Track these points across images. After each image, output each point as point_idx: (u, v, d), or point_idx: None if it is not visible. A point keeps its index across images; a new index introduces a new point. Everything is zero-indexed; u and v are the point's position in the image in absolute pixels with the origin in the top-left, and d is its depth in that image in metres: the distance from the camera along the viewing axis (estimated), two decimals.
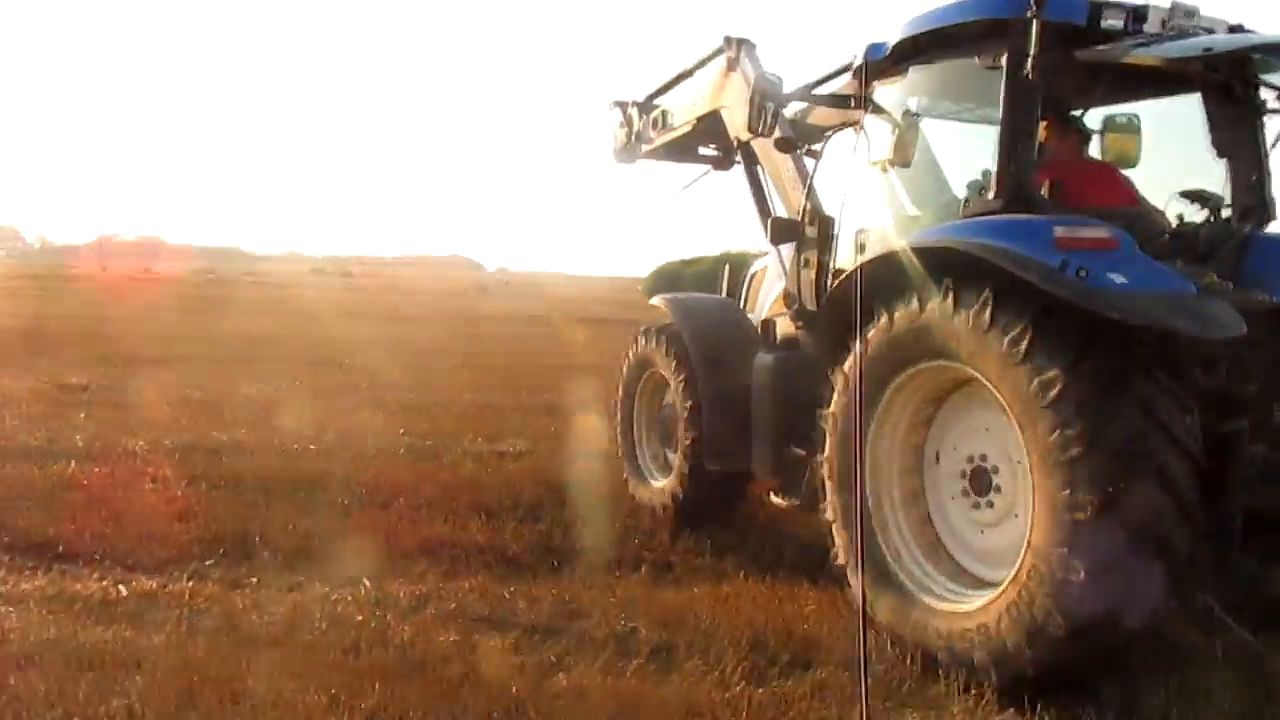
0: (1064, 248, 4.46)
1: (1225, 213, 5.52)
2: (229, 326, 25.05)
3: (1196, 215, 5.53)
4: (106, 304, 33.76)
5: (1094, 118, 5.99)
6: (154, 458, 9.24)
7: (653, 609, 5.75)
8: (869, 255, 5.52)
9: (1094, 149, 5.93)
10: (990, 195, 5.17)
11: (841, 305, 5.45)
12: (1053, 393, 4.28)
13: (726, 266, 8.48)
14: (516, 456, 10.22)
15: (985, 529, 5.02)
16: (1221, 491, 4.56)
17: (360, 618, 5.54)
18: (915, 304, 4.91)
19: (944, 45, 5.54)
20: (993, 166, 5.24)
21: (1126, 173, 5.74)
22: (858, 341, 5.02)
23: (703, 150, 8.68)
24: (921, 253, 4.98)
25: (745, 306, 7.83)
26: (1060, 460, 4.26)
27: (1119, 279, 4.32)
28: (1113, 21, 5.01)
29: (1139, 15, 5.04)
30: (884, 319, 5.07)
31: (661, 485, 7.73)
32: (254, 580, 6.24)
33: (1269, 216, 5.53)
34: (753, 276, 7.91)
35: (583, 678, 4.80)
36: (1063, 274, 4.33)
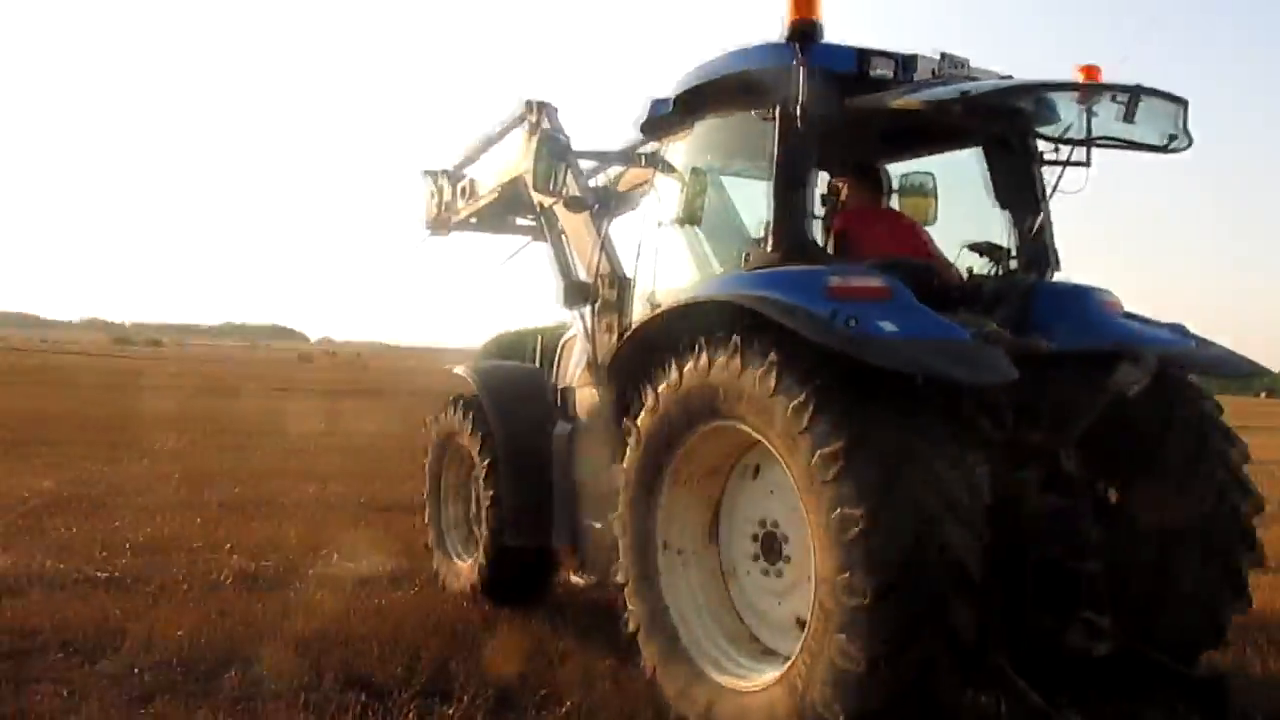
0: (835, 297, 4.39)
1: (1014, 264, 5.55)
2: (14, 402, 23.28)
3: (987, 267, 5.56)
4: None
5: (891, 177, 6.06)
6: None
7: None
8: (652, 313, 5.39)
9: (895, 204, 6.01)
10: (768, 248, 5.08)
11: (624, 363, 5.42)
12: (834, 469, 4.11)
13: (539, 336, 8.10)
14: (393, 583, 7.73)
15: (778, 597, 4.87)
16: (1012, 544, 4.48)
17: None
18: (692, 361, 4.79)
19: (721, 98, 5.48)
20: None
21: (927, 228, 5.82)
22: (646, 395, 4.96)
23: (520, 221, 8.52)
24: (696, 307, 4.91)
25: (555, 376, 7.47)
26: (840, 541, 4.08)
27: (890, 327, 4.26)
28: (882, 70, 5.04)
29: (908, 64, 5.09)
30: (671, 375, 4.92)
31: (467, 564, 7.37)
32: None
33: (1051, 266, 5.55)
34: (563, 345, 7.58)
35: None
36: (832, 323, 4.24)
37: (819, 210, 5.70)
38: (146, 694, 5.16)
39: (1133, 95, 4.75)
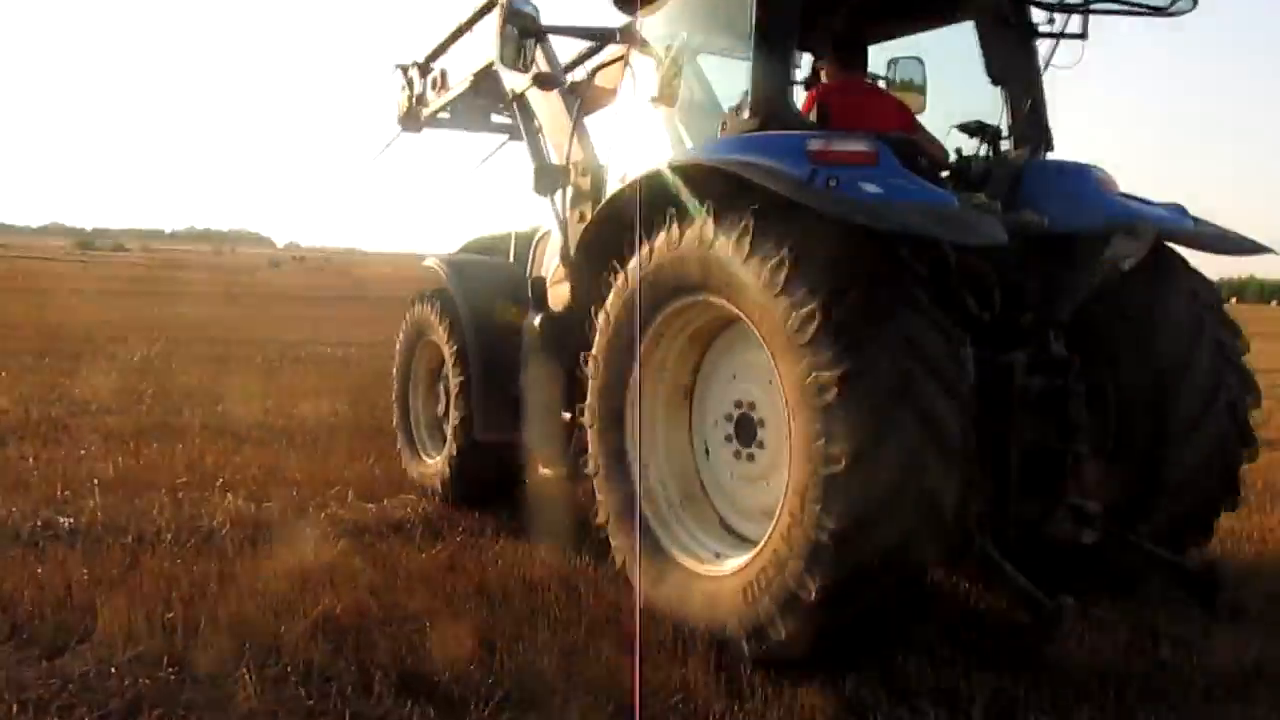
0: (817, 160, 4.14)
1: (1005, 145, 5.34)
2: None
3: (977, 146, 5.33)
4: None
5: (879, 63, 5.80)
6: None
7: None
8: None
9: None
10: (745, 115, 4.80)
11: (594, 242, 5.22)
12: (810, 329, 3.87)
13: (513, 236, 7.68)
14: (431, 533, 6.23)
15: (751, 483, 4.65)
16: (998, 428, 4.33)
17: None
18: (663, 234, 4.56)
19: None
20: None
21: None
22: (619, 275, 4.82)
23: (495, 118, 8.20)
24: (670, 174, 4.62)
25: (530, 271, 7.13)
26: (815, 405, 3.85)
27: (873, 189, 4.01)
28: None
29: None
30: (641, 250, 4.68)
31: (435, 461, 7.14)
32: None
33: (1045, 144, 5.32)
34: (537, 242, 7.25)
35: None
36: (810, 184, 4.00)
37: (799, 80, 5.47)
38: (129, 709, 3.71)
39: None
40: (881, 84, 5.76)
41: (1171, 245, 4.95)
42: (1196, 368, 4.82)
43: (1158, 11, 4.82)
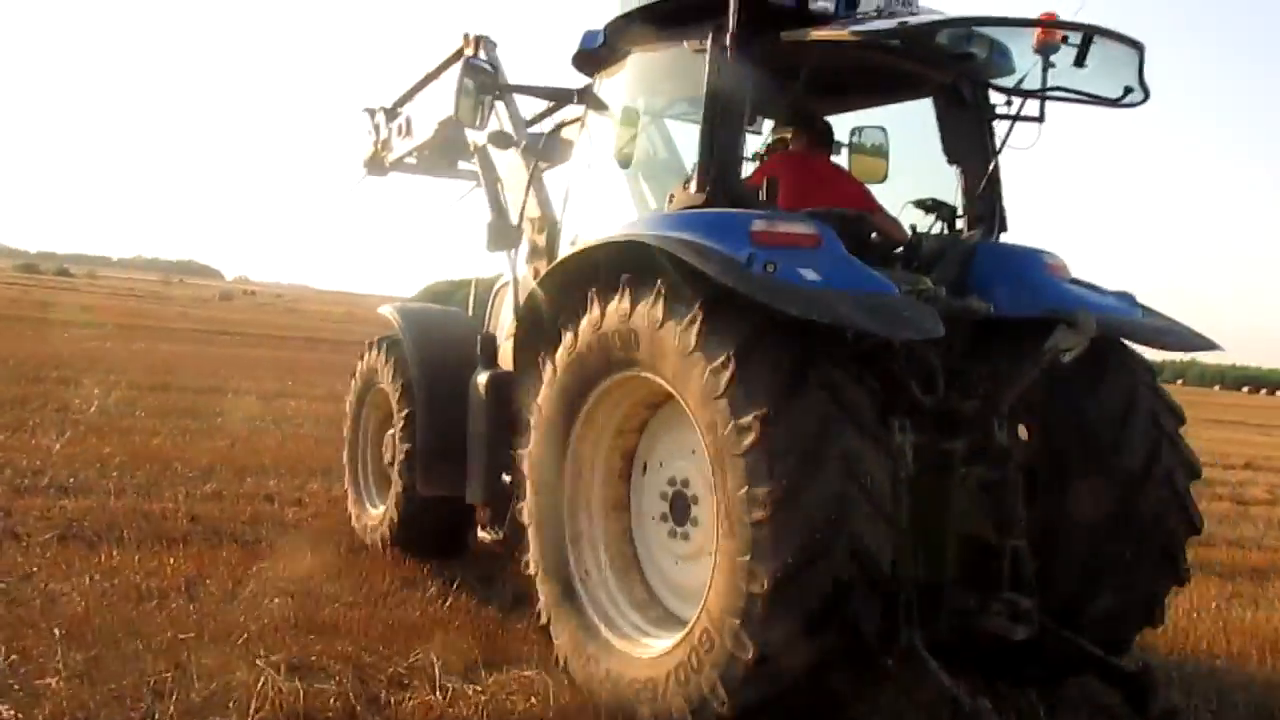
0: (759, 242, 4.13)
1: (960, 223, 5.33)
2: None
3: (932, 224, 5.33)
4: None
5: (843, 131, 5.79)
6: None
7: None
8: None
9: (843, 162, 5.77)
10: (693, 189, 4.76)
11: (539, 303, 5.15)
12: (747, 442, 3.83)
13: (474, 284, 7.75)
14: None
15: (681, 561, 4.61)
16: (935, 518, 4.34)
17: None
18: (604, 306, 4.51)
19: (652, 29, 5.13)
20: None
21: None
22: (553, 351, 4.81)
23: (463, 165, 8.10)
24: (611, 248, 4.62)
25: (488, 325, 7.04)
26: (735, 454, 3.86)
27: (811, 275, 4.00)
28: (822, 3, 4.71)
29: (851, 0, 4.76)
30: (586, 317, 4.64)
31: (378, 513, 7.00)
32: None
33: (999, 227, 5.31)
34: (495, 294, 7.15)
35: None
36: (748, 267, 3.99)
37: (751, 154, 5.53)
38: None
39: (1085, 36, 4.47)
40: (844, 150, 5.75)
41: (1134, 355, 4.95)
42: (1132, 445, 4.75)
43: (1111, 103, 4.84)
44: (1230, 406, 46.32)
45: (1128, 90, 4.77)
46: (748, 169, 5.50)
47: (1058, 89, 4.77)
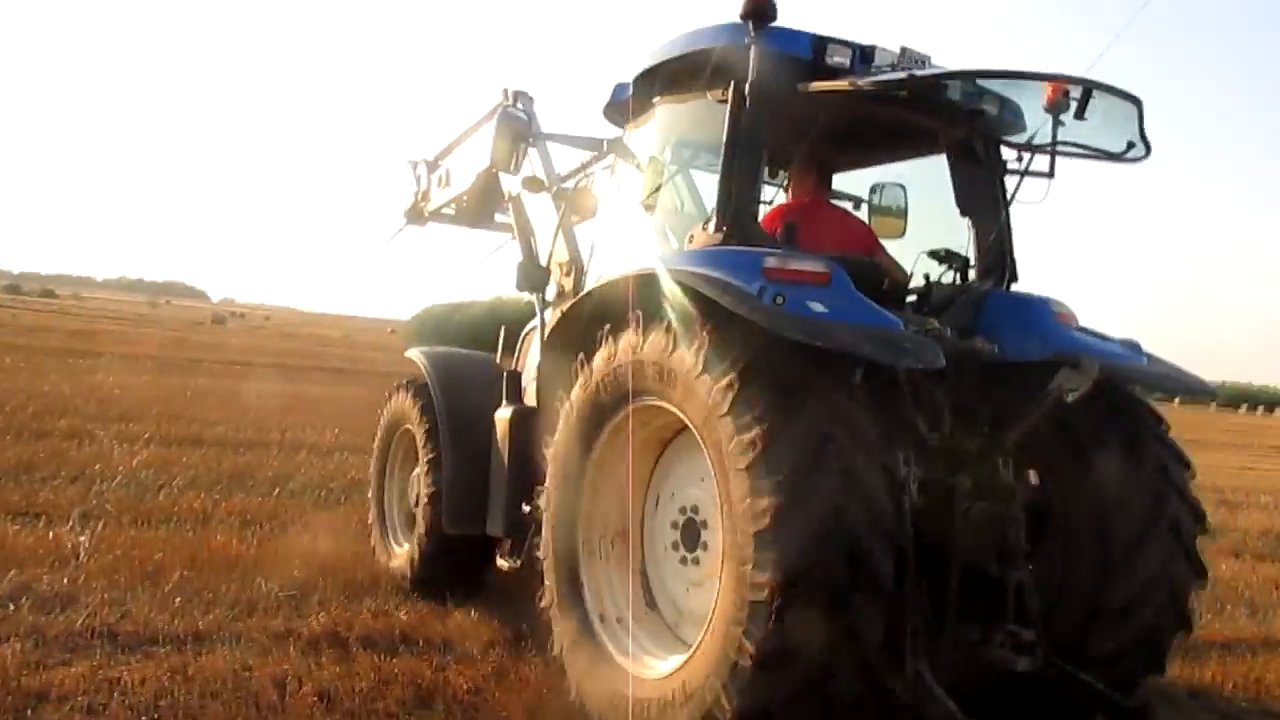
0: (771, 278, 4.29)
1: (972, 274, 5.49)
2: None
3: (945, 275, 5.49)
4: None
5: (862, 186, 5.99)
6: None
7: None
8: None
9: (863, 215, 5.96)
10: (711, 229, 4.99)
11: (560, 338, 5.38)
12: (750, 457, 3.98)
13: (503, 328, 7.87)
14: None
15: (693, 587, 4.73)
16: (940, 550, 4.44)
17: None
18: (621, 339, 4.73)
19: (676, 79, 5.41)
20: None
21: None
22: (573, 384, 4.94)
23: (499, 217, 8.38)
24: (623, 282, 4.83)
25: (515, 365, 7.23)
26: (739, 469, 4.01)
27: (819, 308, 4.16)
28: (838, 59, 4.93)
29: (866, 54, 4.98)
30: (602, 350, 4.86)
31: (403, 551, 7.18)
32: None
33: (1010, 276, 5.48)
34: (525, 336, 7.38)
35: None
36: (758, 299, 4.15)
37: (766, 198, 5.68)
38: None
39: (1086, 91, 4.67)
40: (864, 208, 5.93)
41: (1138, 399, 5.09)
42: (1139, 496, 4.84)
43: (1113, 157, 5.06)
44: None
45: (1130, 145, 4.97)
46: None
47: (1066, 144, 4.97)
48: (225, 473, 10.42)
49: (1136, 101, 4.82)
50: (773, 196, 6.21)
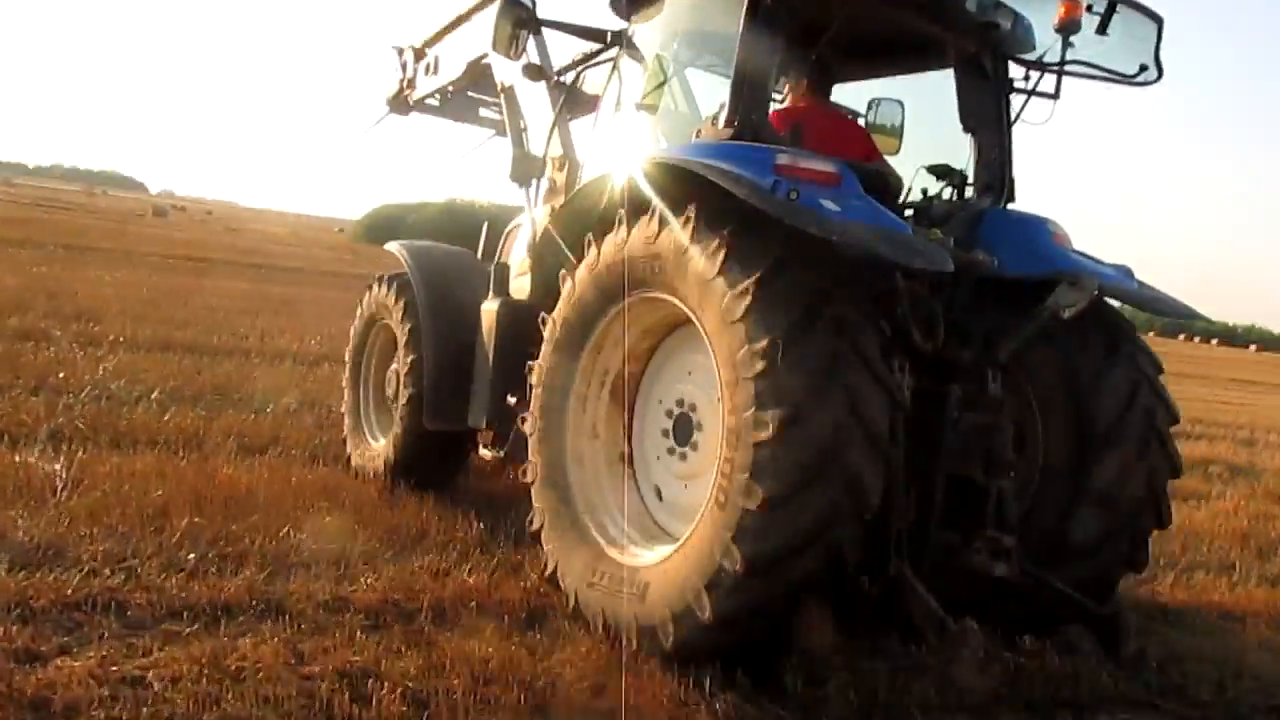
0: (782, 174, 4.29)
1: (970, 191, 5.52)
2: None
3: (942, 191, 5.52)
4: None
5: (860, 99, 5.96)
6: None
7: None
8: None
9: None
10: (721, 124, 4.93)
11: (558, 230, 5.33)
12: (758, 367, 4.02)
13: (486, 224, 7.81)
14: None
15: (681, 481, 4.78)
16: (927, 458, 4.54)
17: None
18: (622, 229, 4.70)
19: None
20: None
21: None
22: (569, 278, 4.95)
23: (485, 112, 8.29)
24: (635, 174, 4.74)
25: (499, 259, 7.14)
26: (746, 378, 4.04)
27: (832, 206, 4.16)
28: None
29: None
30: (605, 241, 4.82)
31: (380, 446, 7.14)
32: None
33: (1008, 194, 5.51)
34: (508, 233, 7.34)
35: None
36: (772, 193, 4.15)
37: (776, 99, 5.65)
38: None
39: (1110, 4, 4.68)
40: (861, 121, 5.90)
41: (1121, 314, 5.24)
42: (1124, 437, 4.97)
43: (1125, 79, 5.07)
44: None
45: (1143, 68, 4.99)
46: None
47: (1076, 63, 4.98)
48: (207, 385, 9.32)
49: (1158, 20, 4.81)
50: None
